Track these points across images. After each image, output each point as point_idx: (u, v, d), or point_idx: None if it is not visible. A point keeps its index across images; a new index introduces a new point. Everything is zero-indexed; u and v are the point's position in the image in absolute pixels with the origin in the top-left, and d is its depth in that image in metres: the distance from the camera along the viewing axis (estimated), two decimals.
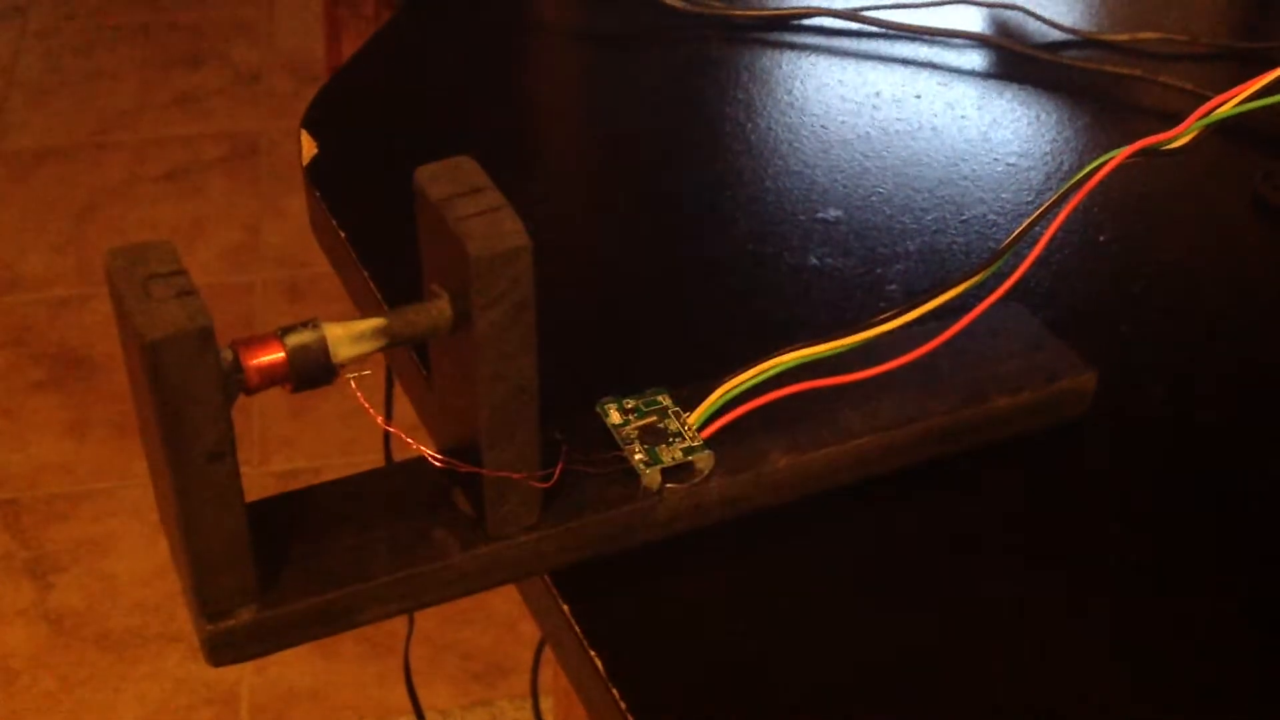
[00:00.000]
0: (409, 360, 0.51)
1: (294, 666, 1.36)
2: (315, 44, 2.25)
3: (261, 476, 1.53)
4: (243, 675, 1.36)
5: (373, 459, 0.44)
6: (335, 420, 1.62)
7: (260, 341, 0.37)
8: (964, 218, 0.59)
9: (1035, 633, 0.42)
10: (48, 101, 2.18)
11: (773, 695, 0.40)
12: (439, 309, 0.39)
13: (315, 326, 0.38)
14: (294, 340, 0.37)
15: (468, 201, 0.38)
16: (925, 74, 0.69)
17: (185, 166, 2.03)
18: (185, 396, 0.35)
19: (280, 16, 2.39)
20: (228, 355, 0.36)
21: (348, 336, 0.38)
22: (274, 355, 0.37)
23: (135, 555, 1.48)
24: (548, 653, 0.88)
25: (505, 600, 1.41)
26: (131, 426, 1.61)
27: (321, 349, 0.37)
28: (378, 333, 0.38)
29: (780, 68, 0.69)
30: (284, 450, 1.58)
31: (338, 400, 1.62)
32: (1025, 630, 0.42)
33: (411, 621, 0.84)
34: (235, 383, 0.37)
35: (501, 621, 1.40)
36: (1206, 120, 0.46)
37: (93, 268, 1.84)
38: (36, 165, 2.04)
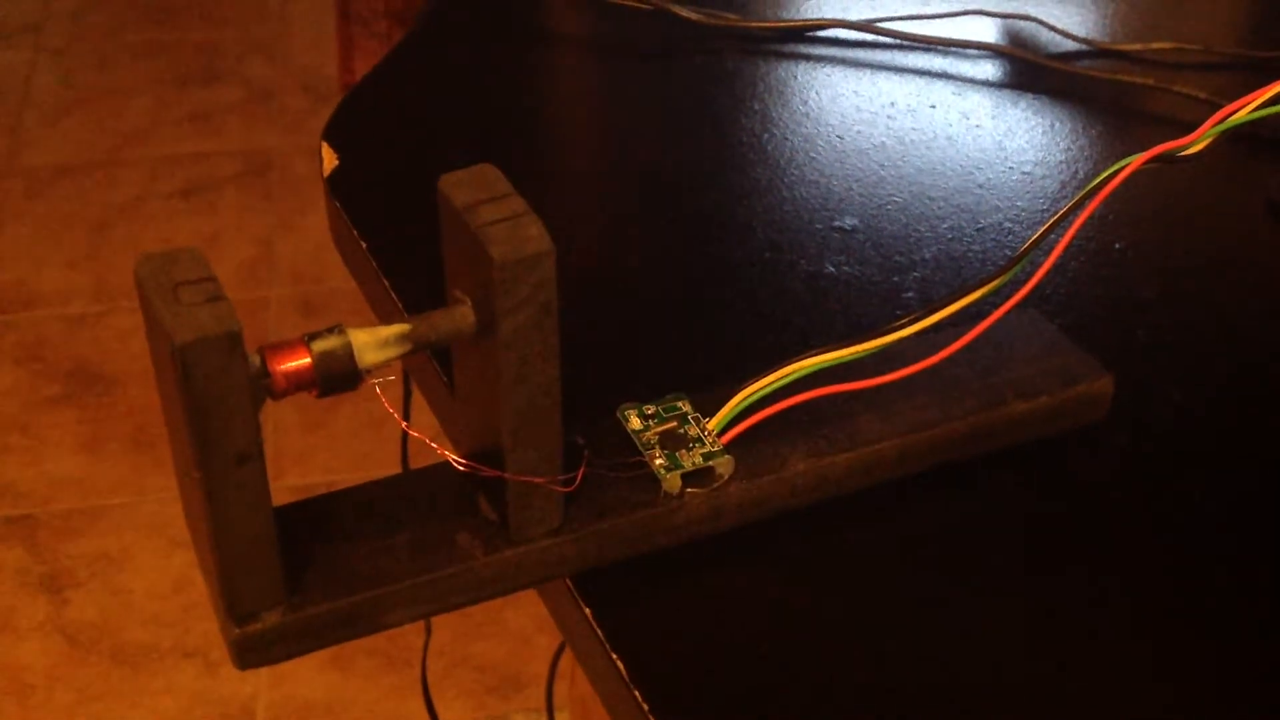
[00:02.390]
0: (430, 367, 0.51)
1: (309, 680, 1.36)
2: (328, 62, 2.26)
3: (277, 491, 1.53)
4: (258, 689, 1.36)
5: (387, 472, 0.45)
6: (349, 435, 1.62)
7: (287, 347, 0.38)
8: (980, 226, 0.59)
9: (1053, 638, 0.42)
10: (62, 119, 2.19)
11: (793, 697, 0.40)
12: (462, 314, 0.39)
13: (341, 332, 0.38)
14: (320, 346, 0.38)
15: (491, 208, 0.38)
16: (940, 84, 0.69)
17: (199, 183, 2.04)
18: (214, 400, 0.35)
19: (293, 34, 2.40)
20: (255, 360, 0.37)
21: (373, 342, 0.39)
22: (300, 360, 0.37)
23: (151, 570, 1.48)
24: (563, 666, 0.89)
25: (520, 613, 1.41)
26: (146, 441, 1.62)
27: (347, 354, 0.38)
28: (402, 338, 0.39)
29: (796, 79, 0.70)
30: (299, 465, 1.59)
31: (352, 415, 1.63)
32: (1043, 635, 0.42)
33: (428, 631, 0.84)
34: (262, 388, 0.37)
35: (516, 635, 1.41)
36: (1222, 127, 0.46)
37: (108, 284, 1.85)
38: (51, 182, 2.05)
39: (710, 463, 0.44)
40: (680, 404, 0.46)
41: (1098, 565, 0.45)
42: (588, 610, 0.42)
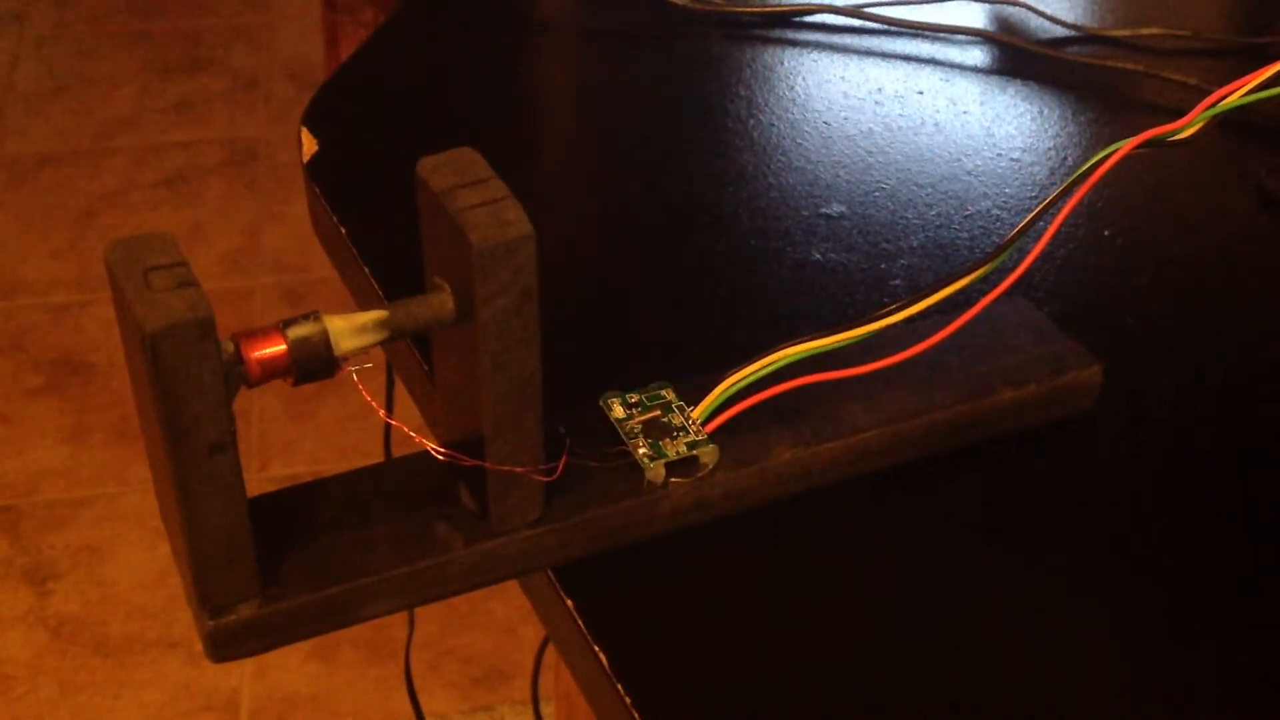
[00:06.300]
0: (411, 356, 0.51)
1: (294, 672, 1.36)
2: (314, 50, 2.24)
3: (261, 482, 1.53)
4: (242, 681, 1.35)
5: (373, 463, 0.45)
6: (334, 425, 1.61)
7: (262, 333, 0.37)
8: (968, 213, 0.58)
9: (1040, 627, 0.42)
10: (46, 108, 2.17)
11: (777, 689, 0.40)
12: (441, 301, 0.39)
13: (316, 318, 0.37)
14: (295, 332, 0.37)
15: (470, 192, 0.37)
16: (928, 70, 0.68)
17: (184, 172, 2.03)
18: (186, 387, 0.35)
19: (279, 22, 2.39)
20: (229, 347, 0.36)
21: (349, 329, 0.38)
22: (275, 347, 0.37)
23: (134, 561, 1.47)
24: (549, 657, 0.88)
25: (505, 604, 1.41)
26: (130, 432, 1.61)
27: (323, 341, 0.37)
28: (379, 325, 0.38)
29: (783, 64, 0.69)
30: (283, 455, 1.58)
31: (337, 405, 1.62)
32: (1030, 625, 0.42)
33: (412, 624, 0.83)
34: (236, 375, 0.36)
35: (502, 626, 1.40)
36: (1213, 111, 0.46)
37: (92, 274, 1.84)
38: (35, 171, 2.03)
39: (694, 452, 0.43)
40: (664, 392, 0.45)
41: (1087, 555, 0.44)
42: (570, 602, 0.42)
